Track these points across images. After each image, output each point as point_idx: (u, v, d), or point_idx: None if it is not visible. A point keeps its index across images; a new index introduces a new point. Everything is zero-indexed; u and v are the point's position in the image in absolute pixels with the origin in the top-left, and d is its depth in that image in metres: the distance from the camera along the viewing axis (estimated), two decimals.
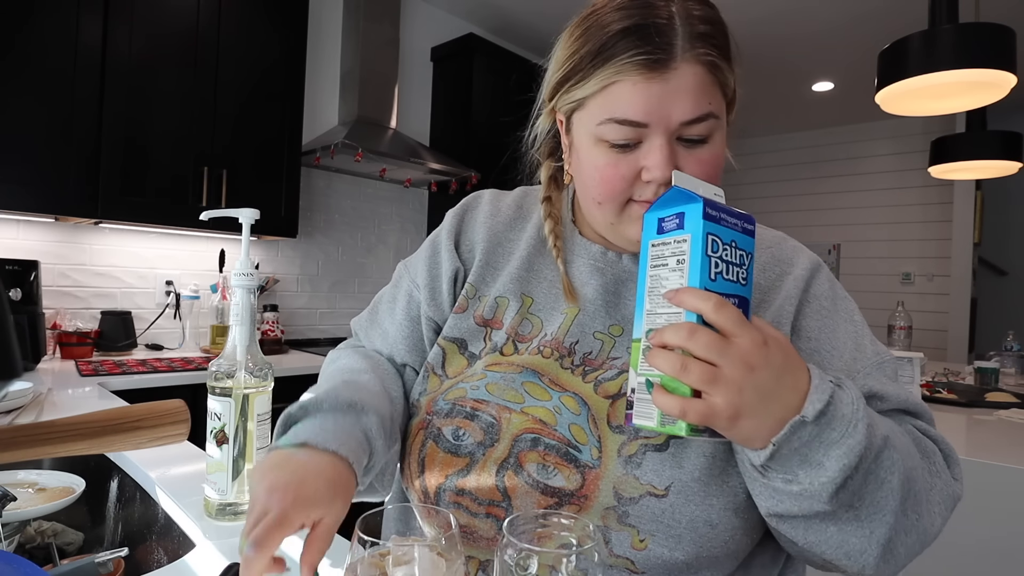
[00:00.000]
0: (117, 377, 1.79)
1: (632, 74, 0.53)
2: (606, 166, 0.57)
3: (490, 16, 3.45)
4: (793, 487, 0.47)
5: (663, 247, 0.48)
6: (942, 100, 1.73)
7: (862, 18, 3.18)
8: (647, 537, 0.53)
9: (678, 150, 0.55)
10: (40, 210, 1.94)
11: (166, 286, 2.45)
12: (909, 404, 0.60)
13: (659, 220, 0.49)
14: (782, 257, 0.65)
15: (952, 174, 2.51)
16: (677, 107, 0.53)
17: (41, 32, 1.86)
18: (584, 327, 0.64)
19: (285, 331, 2.70)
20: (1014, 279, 4.50)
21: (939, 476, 0.56)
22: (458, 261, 0.72)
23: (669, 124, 0.54)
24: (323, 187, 2.96)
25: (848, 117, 4.74)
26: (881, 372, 0.60)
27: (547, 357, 0.63)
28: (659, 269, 0.48)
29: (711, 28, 0.54)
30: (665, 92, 0.53)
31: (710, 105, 0.54)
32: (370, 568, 0.43)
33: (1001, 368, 2.40)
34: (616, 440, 0.57)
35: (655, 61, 0.52)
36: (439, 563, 0.43)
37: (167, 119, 2.14)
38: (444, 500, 0.60)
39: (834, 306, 0.63)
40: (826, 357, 0.60)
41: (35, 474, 0.92)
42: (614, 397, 0.59)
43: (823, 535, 0.50)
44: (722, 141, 0.58)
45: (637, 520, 0.54)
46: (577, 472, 0.56)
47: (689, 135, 0.55)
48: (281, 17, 2.45)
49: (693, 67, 0.53)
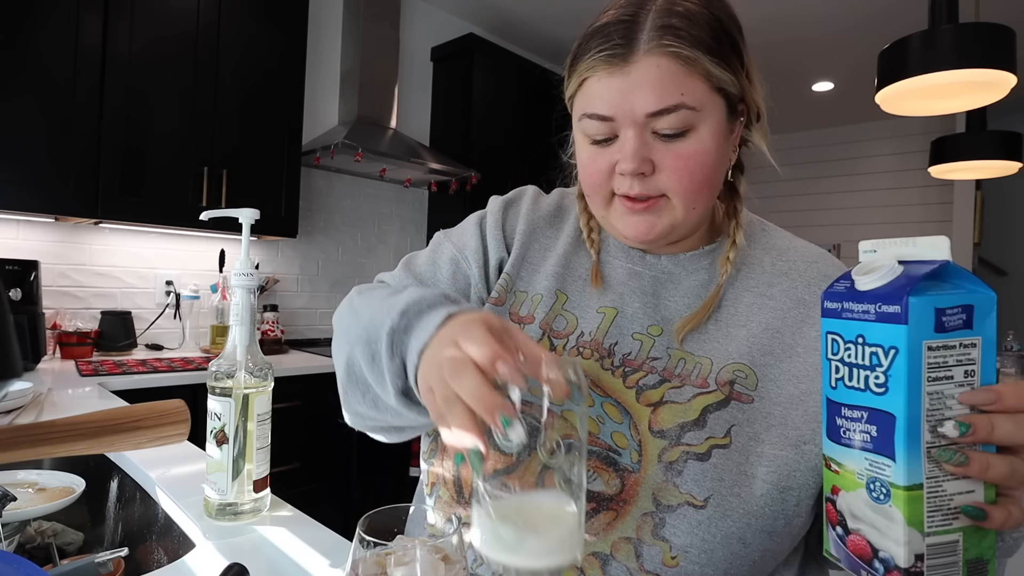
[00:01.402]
0: (117, 377, 1.79)
1: (598, 70, 0.55)
2: (587, 161, 0.59)
3: (490, 16, 3.45)
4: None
5: (945, 352, 0.35)
6: (942, 100, 1.73)
7: (862, 18, 3.18)
8: (679, 554, 0.52)
9: (654, 144, 0.55)
10: (40, 210, 1.94)
11: (166, 286, 2.45)
12: None
13: (938, 312, 0.35)
14: (828, 273, 0.63)
15: (952, 174, 2.51)
16: (639, 99, 0.53)
17: (41, 32, 1.86)
18: (623, 328, 0.63)
19: (285, 331, 2.70)
20: (1014, 279, 4.50)
21: None
22: (504, 250, 0.71)
23: (635, 117, 0.54)
24: (323, 187, 2.96)
25: (848, 117, 4.74)
26: None
27: (587, 358, 0.62)
28: (942, 384, 0.35)
29: (685, 21, 0.54)
30: (627, 85, 0.54)
31: (682, 96, 0.53)
32: (372, 568, 0.43)
33: (1001, 368, 2.40)
34: (657, 445, 0.56)
35: (615, 56, 0.54)
36: (440, 564, 0.43)
37: (167, 119, 2.14)
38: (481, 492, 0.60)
39: None
40: None
41: (35, 474, 0.92)
42: (655, 405, 0.58)
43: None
44: (713, 136, 0.56)
45: (672, 532, 0.53)
46: (616, 476, 0.56)
47: (663, 128, 0.54)
48: (281, 17, 2.45)
49: (656, 59, 0.53)
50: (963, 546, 0.36)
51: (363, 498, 2.35)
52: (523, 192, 0.76)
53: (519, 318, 0.67)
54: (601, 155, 0.58)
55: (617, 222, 0.60)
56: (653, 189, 0.57)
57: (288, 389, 2.13)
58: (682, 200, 0.57)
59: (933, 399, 0.35)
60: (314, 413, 2.21)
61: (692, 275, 0.64)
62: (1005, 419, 0.36)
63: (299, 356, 2.46)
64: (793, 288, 0.62)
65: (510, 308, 0.68)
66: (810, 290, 0.61)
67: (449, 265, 0.70)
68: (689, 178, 0.56)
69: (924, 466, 0.35)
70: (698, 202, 0.58)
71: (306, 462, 2.17)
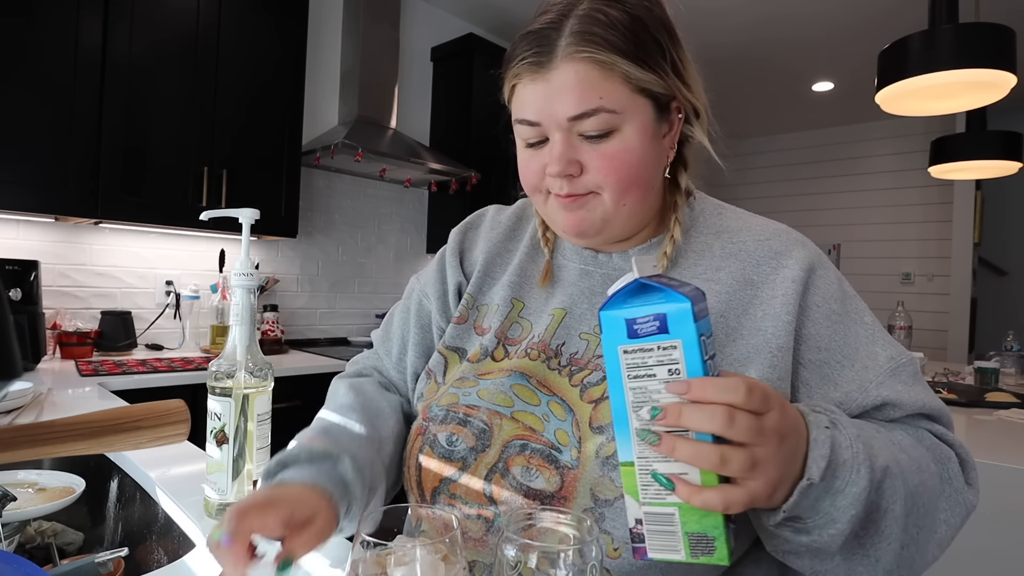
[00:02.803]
0: (117, 377, 1.79)
1: (523, 76, 0.59)
2: (523, 163, 0.63)
3: (490, 16, 3.45)
4: (803, 538, 0.46)
5: (643, 354, 0.40)
6: (942, 100, 1.73)
7: (862, 18, 3.18)
8: (621, 546, 0.53)
9: (580, 145, 0.58)
10: (40, 210, 1.94)
11: (166, 286, 2.45)
12: (926, 408, 0.58)
13: (628, 321, 0.40)
14: (780, 250, 0.62)
15: (952, 174, 2.51)
16: (560, 104, 0.56)
17: (41, 32, 1.86)
18: (571, 328, 0.65)
19: (285, 331, 2.70)
20: (1014, 279, 4.49)
21: (950, 483, 0.55)
22: (461, 275, 0.75)
23: (558, 121, 0.57)
24: (323, 187, 2.96)
25: (848, 117, 4.74)
26: (896, 379, 0.58)
27: (534, 359, 0.64)
28: (644, 381, 0.41)
29: (602, 27, 0.56)
30: (549, 91, 0.57)
31: (600, 100, 0.56)
32: (372, 568, 0.43)
33: (1001, 368, 2.40)
34: (595, 441, 0.57)
35: (537, 64, 0.57)
36: (439, 564, 0.43)
37: (167, 119, 2.14)
38: (439, 502, 0.62)
39: (843, 309, 0.60)
40: (836, 369, 0.58)
41: (35, 474, 0.92)
42: (597, 401, 0.59)
43: (830, 564, 0.49)
44: (638, 135, 0.58)
45: (612, 525, 0.53)
46: (557, 473, 0.57)
47: (586, 131, 0.57)
48: (281, 17, 2.45)
49: (574, 65, 0.55)
50: (680, 519, 0.41)
51: None
52: (482, 213, 0.80)
53: (481, 330, 0.70)
54: (535, 157, 0.61)
55: (555, 217, 0.64)
56: (582, 187, 0.59)
57: (288, 389, 2.13)
58: (612, 195, 0.59)
59: (636, 393, 0.41)
60: (314, 413, 2.20)
61: None
62: (694, 408, 0.40)
63: (299, 356, 2.46)
64: (741, 269, 0.62)
65: (474, 323, 0.71)
66: (758, 270, 0.61)
67: (415, 308, 0.77)
68: (615, 176, 0.58)
69: (634, 447, 0.42)
70: (627, 198, 0.60)
71: None
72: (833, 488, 0.45)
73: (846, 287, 0.62)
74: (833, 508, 0.45)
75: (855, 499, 0.45)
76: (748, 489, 0.40)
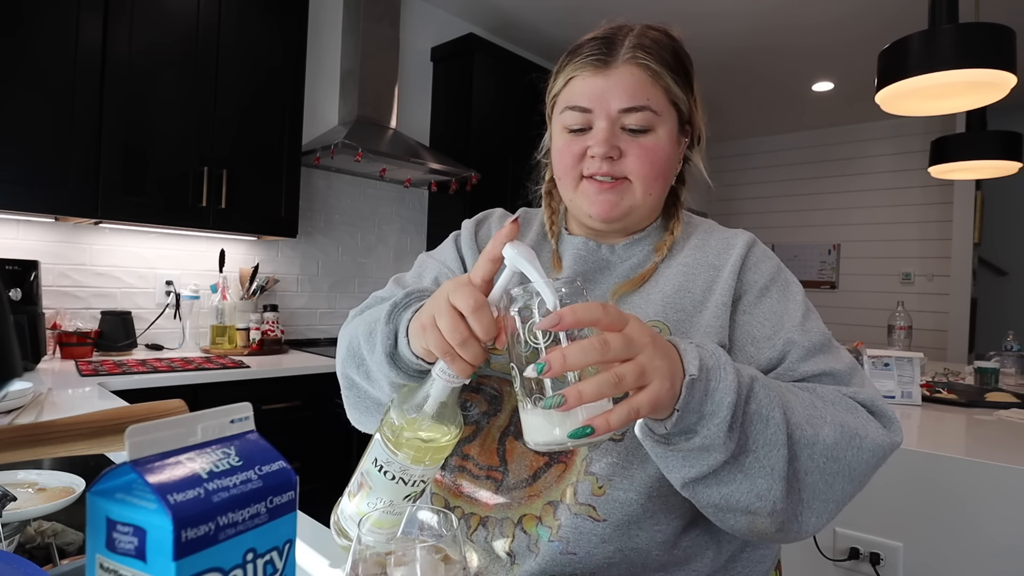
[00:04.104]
0: (117, 377, 1.79)
1: (584, 71, 0.69)
2: (563, 147, 0.71)
3: (490, 16, 3.45)
4: (695, 441, 0.52)
5: None
6: (942, 100, 1.73)
7: (862, 18, 3.18)
8: (605, 483, 0.62)
9: (622, 136, 0.68)
10: (40, 210, 1.93)
11: (166, 286, 2.45)
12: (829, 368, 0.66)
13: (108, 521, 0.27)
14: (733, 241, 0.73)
15: (952, 174, 2.51)
16: (615, 96, 0.67)
17: (41, 32, 1.86)
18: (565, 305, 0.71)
19: (285, 331, 2.70)
20: (1014, 279, 4.49)
21: (852, 414, 0.61)
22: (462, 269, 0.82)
23: (609, 110, 0.67)
24: (323, 187, 2.96)
25: (848, 117, 4.74)
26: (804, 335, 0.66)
27: None
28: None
29: (656, 45, 0.69)
30: (607, 85, 0.68)
31: (648, 101, 0.67)
32: (372, 568, 0.43)
33: (1001, 368, 2.40)
34: None
35: (601, 61, 0.68)
36: (440, 565, 0.43)
37: (167, 119, 2.14)
38: (450, 464, 0.70)
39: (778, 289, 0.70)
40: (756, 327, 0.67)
41: (35, 474, 0.92)
42: None
43: (733, 484, 0.55)
44: (668, 138, 0.69)
45: (598, 466, 0.62)
46: None
47: (629, 124, 0.67)
48: (281, 17, 2.45)
49: (631, 68, 0.67)
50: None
51: None
52: (490, 212, 0.88)
53: None
54: (576, 141, 0.70)
55: (584, 201, 0.71)
56: (619, 171, 0.68)
57: (288, 389, 2.13)
58: (641, 184, 0.69)
59: None
60: (314, 413, 2.21)
61: (625, 261, 0.75)
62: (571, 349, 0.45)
63: (299, 356, 2.46)
64: (704, 256, 0.73)
65: None
66: (720, 257, 0.72)
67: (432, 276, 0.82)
68: (649, 165, 0.68)
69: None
70: (653, 188, 0.70)
71: (306, 462, 2.17)
72: (708, 388, 0.51)
73: (785, 273, 0.73)
74: (711, 403, 0.51)
75: (727, 389, 0.51)
76: (649, 390, 0.47)
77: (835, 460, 0.57)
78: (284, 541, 0.30)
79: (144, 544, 0.26)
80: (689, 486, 0.56)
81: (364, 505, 0.57)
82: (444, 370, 0.53)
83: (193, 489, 0.26)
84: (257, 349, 2.44)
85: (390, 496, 0.56)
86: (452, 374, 0.53)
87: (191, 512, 0.26)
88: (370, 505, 0.56)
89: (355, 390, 0.72)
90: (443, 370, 0.53)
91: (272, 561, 0.29)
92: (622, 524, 0.61)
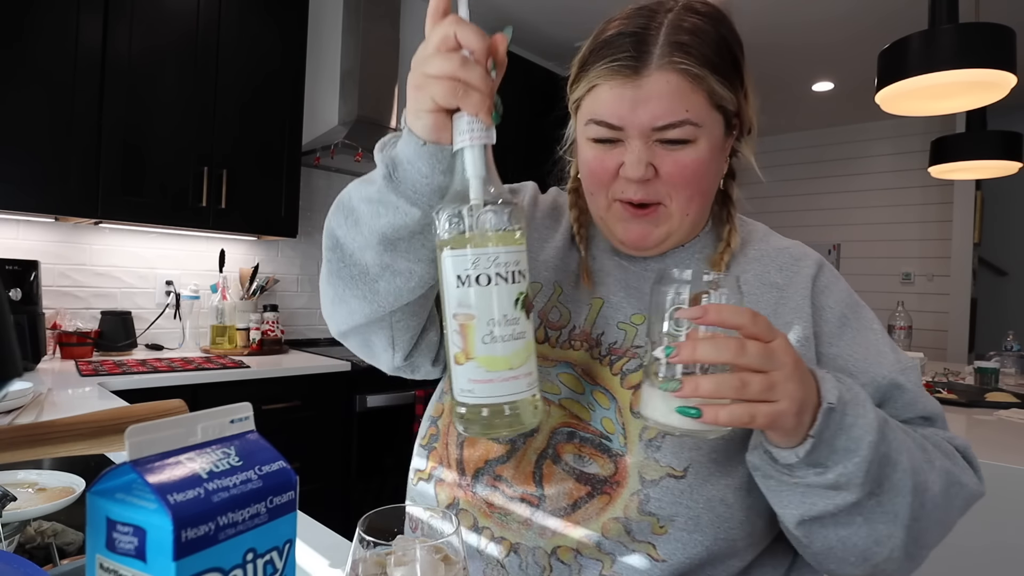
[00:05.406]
0: (117, 377, 1.78)
1: (610, 79, 0.58)
2: (593, 159, 0.62)
3: (489, 16, 3.45)
4: (828, 477, 0.48)
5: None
6: (942, 100, 1.73)
7: (862, 18, 3.18)
8: (667, 523, 0.56)
9: (657, 150, 0.58)
10: (40, 210, 1.93)
11: (166, 286, 2.45)
12: (927, 410, 0.62)
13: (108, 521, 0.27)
14: (798, 256, 0.67)
15: (952, 174, 2.51)
16: (648, 112, 0.56)
17: (41, 32, 1.86)
18: (608, 318, 0.66)
19: (285, 331, 2.70)
20: (1014, 279, 4.49)
21: (952, 460, 0.58)
22: None
23: (642, 127, 0.57)
24: (323, 187, 2.96)
25: (848, 117, 4.73)
26: (904, 376, 0.61)
27: (578, 349, 0.66)
28: None
29: (694, 39, 0.56)
30: (638, 97, 0.56)
31: (687, 113, 0.56)
32: (372, 568, 0.43)
33: (1001, 368, 2.40)
34: (637, 426, 0.59)
35: (630, 68, 0.56)
36: (440, 565, 0.43)
37: (167, 119, 2.13)
38: (481, 482, 0.64)
39: (855, 315, 0.64)
40: (849, 362, 0.61)
41: (35, 474, 0.92)
42: (636, 387, 0.61)
43: (853, 527, 0.51)
44: (709, 148, 0.59)
45: (657, 505, 0.56)
46: (610, 461, 0.59)
47: (666, 138, 0.58)
48: (281, 17, 2.45)
49: (667, 75, 0.56)
50: None
51: (363, 498, 2.35)
52: (525, 185, 0.79)
53: None
54: (609, 155, 0.60)
55: (615, 226, 0.64)
56: (653, 195, 0.60)
57: (288, 389, 2.13)
58: (679, 205, 0.60)
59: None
60: (314, 413, 2.21)
61: None
62: (705, 341, 0.44)
63: (299, 356, 2.46)
64: (765, 272, 0.65)
65: None
66: (782, 273, 0.65)
67: None
68: (685, 184, 0.59)
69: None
70: (691, 208, 0.61)
71: (306, 462, 2.17)
72: (845, 423, 0.48)
73: (855, 296, 0.66)
74: (847, 438, 0.48)
75: (867, 427, 0.48)
76: (773, 407, 0.44)
77: (939, 508, 0.54)
78: (284, 541, 0.30)
79: (144, 544, 0.26)
80: (805, 525, 0.52)
81: (478, 346, 0.45)
82: (465, 127, 0.45)
83: (193, 489, 0.27)
84: (257, 349, 2.44)
85: (499, 308, 0.45)
86: (474, 123, 0.45)
87: (191, 512, 0.26)
88: (485, 342, 0.45)
89: (338, 252, 0.59)
90: (464, 128, 0.45)
91: (272, 561, 0.29)
92: (683, 565, 0.56)
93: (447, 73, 0.44)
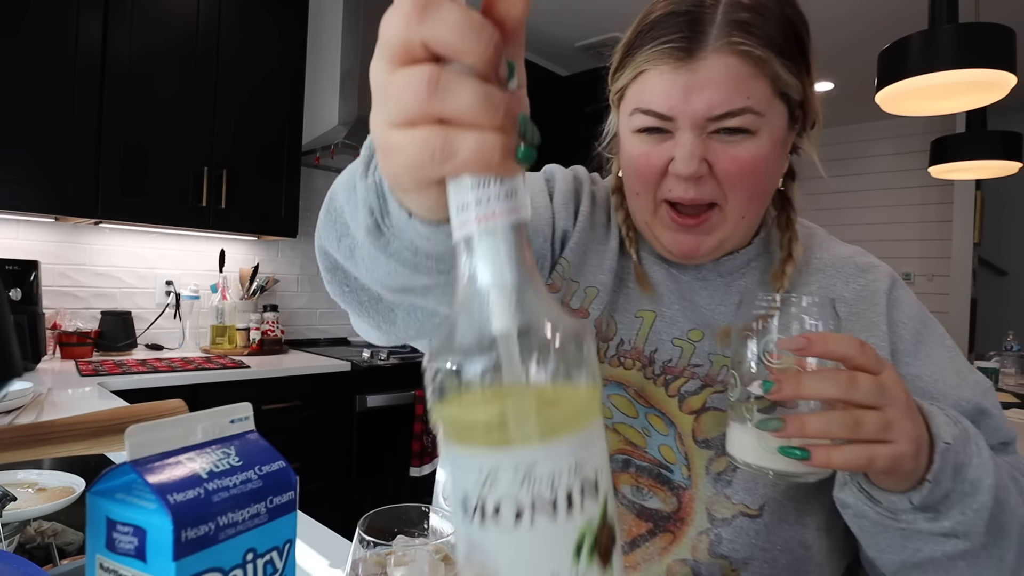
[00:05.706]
0: (117, 377, 1.78)
1: (660, 63, 0.50)
2: (639, 156, 0.54)
3: None
4: (943, 524, 0.42)
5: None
6: (942, 100, 1.73)
7: (862, 18, 3.18)
8: (740, 567, 0.51)
9: (712, 144, 0.51)
10: (40, 210, 1.93)
11: (166, 286, 2.45)
12: (1005, 434, 0.57)
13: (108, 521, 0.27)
14: (864, 267, 0.62)
15: (952, 174, 2.51)
16: (704, 100, 0.49)
17: (41, 31, 1.86)
18: (662, 333, 0.60)
19: (285, 331, 2.70)
20: (1014, 279, 4.49)
21: None
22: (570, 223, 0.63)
23: (696, 117, 0.50)
24: (323, 187, 2.95)
25: (848, 117, 4.73)
26: (985, 399, 0.56)
27: (629, 369, 0.59)
28: None
29: (756, 17, 0.49)
30: (692, 83, 0.49)
31: (748, 100, 0.49)
32: (372, 568, 0.43)
33: (1001, 368, 2.40)
34: (703, 456, 0.54)
35: (683, 50, 0.49)
36: (440, 565, 0.43)
37: (167, 119, 2.13)
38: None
39: (927, 330, 0.59)
40: (928, 382, 0.56)
41: (35, 474, 0.92)
42: (698, 412, 0.56)
43: (955, 572, 0.45)
44: (771, 142, 0.52)
45: (730, 547, 0.51)
46: (672, 495, 0.54)
47: (725, 126, 0.50)
48: (281, 16, 2.45)
49: (726, 58, 0.48)
50: None
51: (363, 498, 2.35)
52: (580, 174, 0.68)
53: (570, 311, 0.61)
54: (656, 151, 0.53)
55: (662, 235, 0.56)
56: (707, 195, 0.53)
57: (288, 389, 2.13)
58: (735, 207, 0.53)
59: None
60: (314, 413, 2.21)
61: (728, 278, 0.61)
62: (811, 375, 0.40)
63: (299, 356, 2.46)
64: (830, 285, 0.60)
65: (561, 298, 0.61)
66: (848, 287, 0.59)
67: None
68: (742, 182, 0.52)
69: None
70: (748, 210, 0.54)
71: (306, 462, 2.17)
72: (959, 462, 0.42)
73: (925, 309, 0.61)
74: (964, 481, 0.42)
75: (983, 468, 0.42)
76: (892, 448, 0.39)
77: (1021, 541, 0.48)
78: (284, 541, 0.30)
79: (144, 544, 0.26)
80: (906, 570, 0.47)
81: None
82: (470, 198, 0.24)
83: (193, 489, 0.26)
84: (257, 349, 2.44)
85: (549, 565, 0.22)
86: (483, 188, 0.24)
87: (191, 512, 0.26)
88: None
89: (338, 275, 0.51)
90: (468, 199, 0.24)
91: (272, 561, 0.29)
92: None
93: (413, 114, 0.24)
